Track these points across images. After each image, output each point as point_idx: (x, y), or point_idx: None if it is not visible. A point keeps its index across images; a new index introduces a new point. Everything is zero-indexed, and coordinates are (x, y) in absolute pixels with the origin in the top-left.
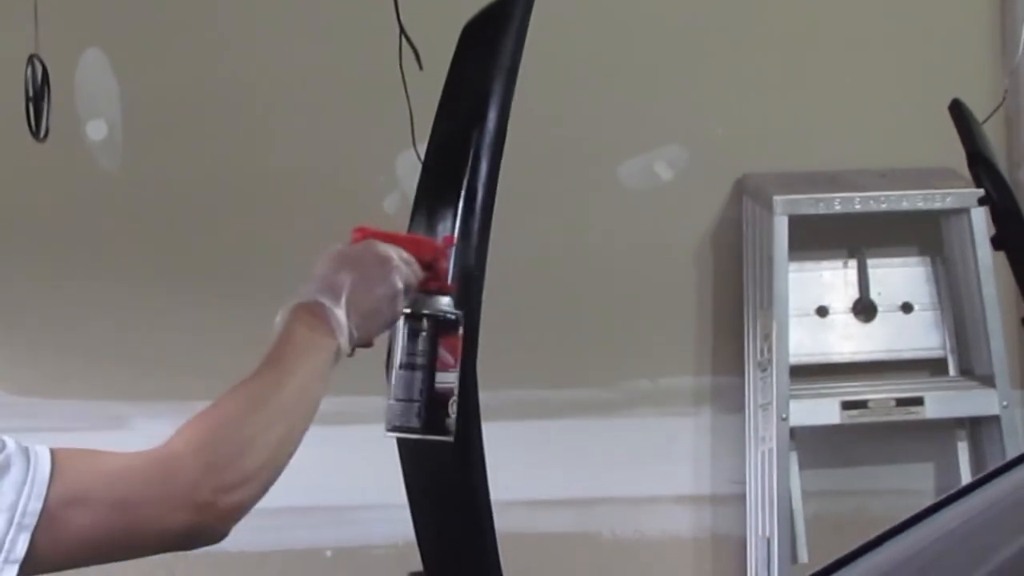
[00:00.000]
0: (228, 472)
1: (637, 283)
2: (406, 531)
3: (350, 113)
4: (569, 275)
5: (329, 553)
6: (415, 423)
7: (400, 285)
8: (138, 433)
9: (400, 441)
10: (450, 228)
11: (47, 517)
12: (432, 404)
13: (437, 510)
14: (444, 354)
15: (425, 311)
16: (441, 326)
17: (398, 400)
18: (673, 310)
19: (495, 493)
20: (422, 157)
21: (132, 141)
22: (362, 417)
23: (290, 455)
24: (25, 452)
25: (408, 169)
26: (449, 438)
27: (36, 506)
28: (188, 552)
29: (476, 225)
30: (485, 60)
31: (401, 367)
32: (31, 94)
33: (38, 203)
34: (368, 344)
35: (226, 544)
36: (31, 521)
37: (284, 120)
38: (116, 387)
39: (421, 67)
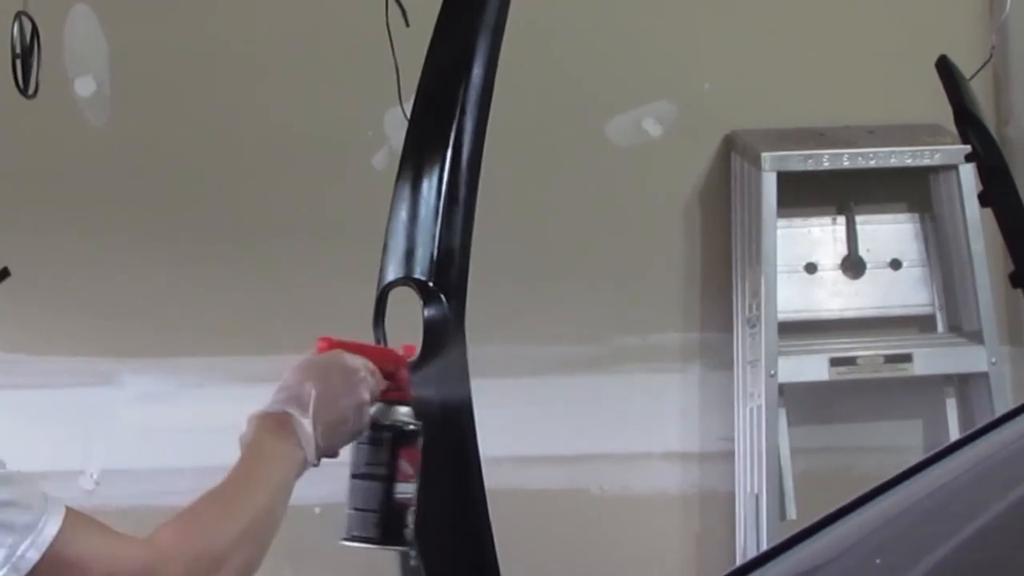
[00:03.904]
0: None
1: (625, 240)
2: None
3: (338, 70)
4: (557, 232)
5: (318, 510)
6: (373, 533)
7: (366, 397)
8: (125, 389)
9: None
10: (437, 185)
11: (39, 571)
12: (391, 515)
13: (426, 467)
14: (404, 465)
15: (386, 422)
16: (402, 437)
17: (356, 509)
18: (662, 267)
19: (484, 449)
20: (408, 114)
21: (120, 98)
22: None
23: (256, 568)
24: (44, 500)
25: (396, 125)
26: (408, 548)
27: (33, 556)
28: (177, 509)
29: (463, 181)
30: (471, 16)
31: (360, 476)
32: (19, 51)
33: (25, 159)
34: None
35: None
36: (25, 566)
37: (272, 77)
38: (103, 343)
39: (408, 24)
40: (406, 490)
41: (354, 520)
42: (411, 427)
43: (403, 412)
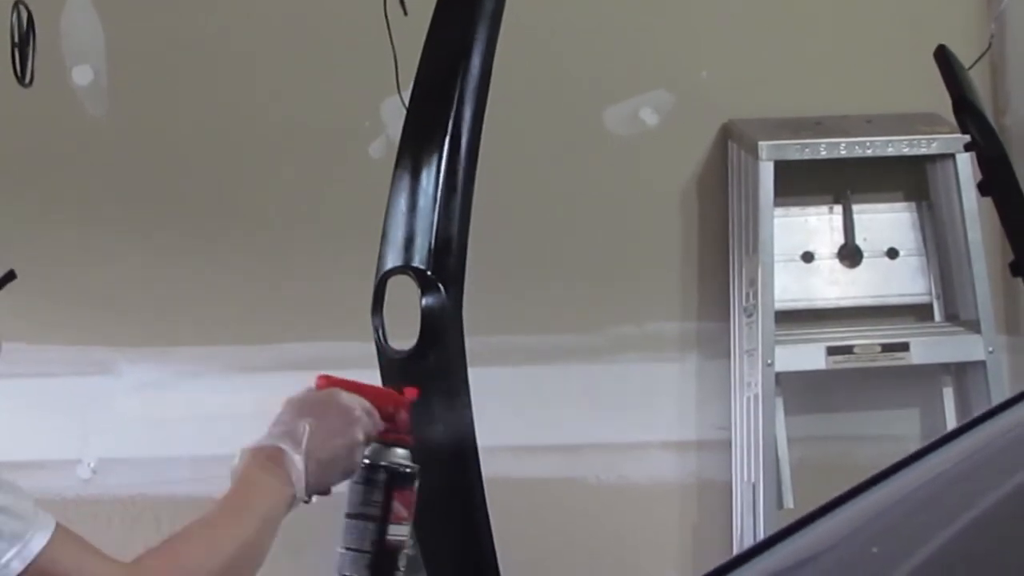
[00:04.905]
0: None
1: (622, 229)
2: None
3: (335, 59)
4: (554, 221)
5: (314, 499)
6: (364, 574)
7: (360, 437)
8: (123, 378)
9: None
10: (435, 174)
11: None
12: (382, 557)
13: (423, 455)
14: (398, 507)
15: (382, 462)
16: (397, 479)
17: (348, 549)
18: (658, 256)
19: (481, 438)
20: (407, 103)
21: (117, 87)
22: (347, 362)
23: None
24: (35, 513)
25: (393, 114)
26: None
27: (17, 567)
28: (173, 498)
29: (461, 171)
30: (469, 6)
31: (354, 516)
32: (16, 40)
33: (23, 149)
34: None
35: (211, 488)
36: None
37: (270, 66)
38: (101, 332)
39: (406, 12)
40: (399, 532)
41: (346, 560)
42: (407, 469)
43: (399, 454)
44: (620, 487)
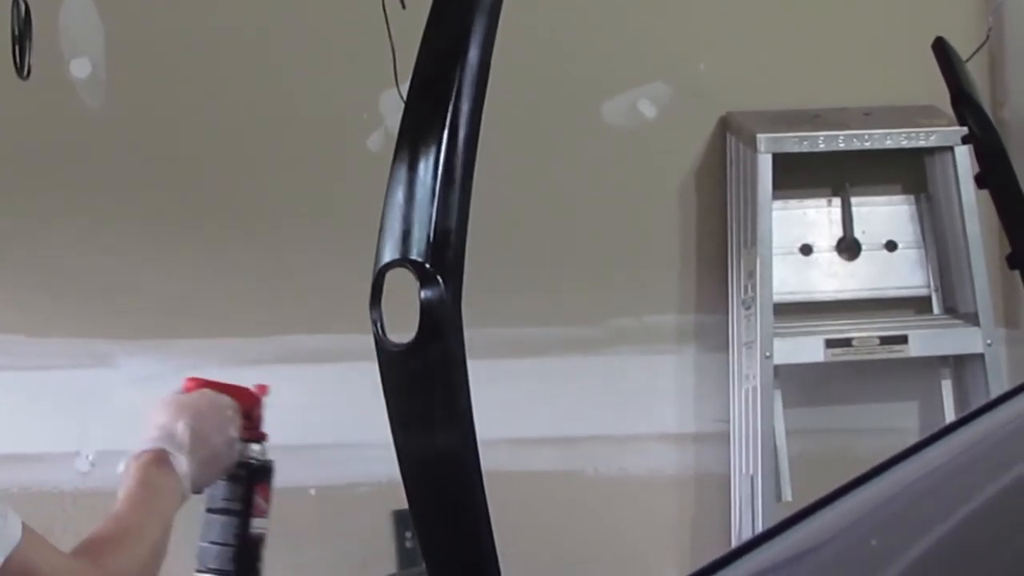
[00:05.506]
0: None
1: (621, 221)
2: (391, 470)
3: (334, 52)
4: (552, 213)
5: (313, 491)
6: (229, 567)
7: (235, 433)
8: (121, 371)
9: (385, 386)
10: (433, 166)
11: None
12: (246, 549)
13: (421, 448)
14: (259, 501)
15: (242, 459)
16: (257, 473)
17: (213, 543)
18: (657, 248)
19: (479, 431)
20: (405, 95)
21: (116, 79)
22: (345, 355)
23: None
24: (3, 515)
25: (392, 107)
26: None
27: None
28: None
29: (460, 163)
30: None
31: (217, 511)
32: (17, 33)
33: (21, 141)
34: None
35: None
36: None
37: (267, 59)
38: (99, 325)
39: (404, 6)
40: (260, 525)
41: (209, 553)
42: (267, 465)
43: (257, 449)
44: (618, 479)
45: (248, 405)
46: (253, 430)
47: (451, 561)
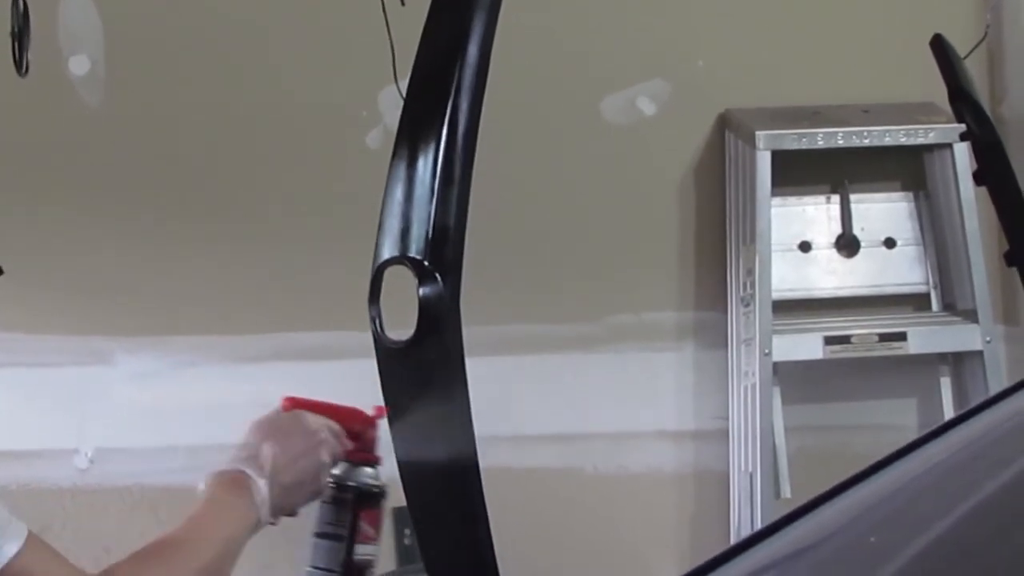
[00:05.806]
0: None
1: (620, 218)
2: (389, 468)
3: (332, 48)
4: (551, 210)
5: None
6: None
7: (326, 459)
8: (120, 368)
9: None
10: (432, 163)
11: None
12: (350, 575)
13: (420, 445)
14: (365, 527)
15: (350, 482)
16: (364, 499)
17: (317, 568)
18: (656, 245)
19: (478, 428)
20: (404, 93)
21: (114, 77)
22: (344, 352)
23: None
24: (8, 521)
25: (391, 104)
26: None
27: None
28: (170, 488)
29: (459, 160)
30: None
31: (322, 535)
32: (15, 29)
33: (18, 138)
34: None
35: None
36: None
37: (266, 56)
38: (98, 322)
39: (403, 2)
40: (367, 551)
41: None
42: (374, 489)
43: (367, 473)
44: (617, 477)
45: (359, 427)
46: (364, 452)
47: (449, 558)
